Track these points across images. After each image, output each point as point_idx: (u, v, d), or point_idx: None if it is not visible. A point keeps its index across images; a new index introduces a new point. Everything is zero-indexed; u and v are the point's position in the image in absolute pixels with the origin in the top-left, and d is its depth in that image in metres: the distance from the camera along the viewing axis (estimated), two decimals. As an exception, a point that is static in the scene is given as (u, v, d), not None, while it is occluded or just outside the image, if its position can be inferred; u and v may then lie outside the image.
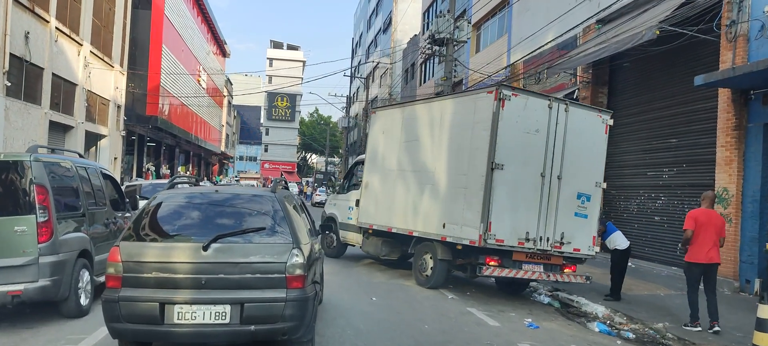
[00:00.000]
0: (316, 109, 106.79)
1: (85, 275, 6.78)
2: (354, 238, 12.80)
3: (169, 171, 38.99)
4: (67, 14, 19.95)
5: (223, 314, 4.87)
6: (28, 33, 16.88)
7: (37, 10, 17.40)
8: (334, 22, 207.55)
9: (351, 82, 70.65)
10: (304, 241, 5.44)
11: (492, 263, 8.88)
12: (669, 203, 13.11)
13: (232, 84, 69.99)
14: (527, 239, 8.82)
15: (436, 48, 21.48)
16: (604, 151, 9.48)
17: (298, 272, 5.03)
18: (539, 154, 8.93)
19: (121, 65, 26.54)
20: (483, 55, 25.02)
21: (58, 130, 20.40)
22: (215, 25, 46.31)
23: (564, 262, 9.29)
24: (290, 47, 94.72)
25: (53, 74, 18.94)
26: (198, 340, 4.99)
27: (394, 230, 10.84)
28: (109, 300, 4.87)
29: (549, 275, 9.18)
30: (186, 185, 6.93)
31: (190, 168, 48.50)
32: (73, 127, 21.09)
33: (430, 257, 9.96)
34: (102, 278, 7.20)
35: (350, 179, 13.65)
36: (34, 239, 6.11)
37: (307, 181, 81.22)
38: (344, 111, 61.27)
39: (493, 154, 8.57)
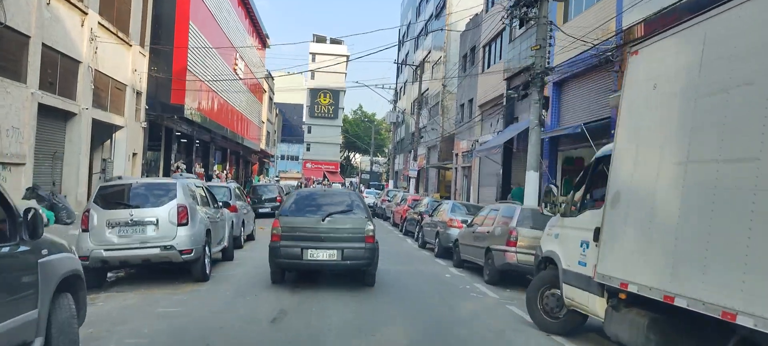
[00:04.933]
0: (360, 107, 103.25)
1: None
2: (590, 302, 6.54)
3: (202, 170, 35.32)
4: (64, -27, 16.10)
5: (333, 254, 9.26)
6: (3, -13, 12.99)
7: (17, -41, 13.52)
8: (379, 19, 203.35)
9: (397, 75, 66.36)
10: (371, 217, 10.12)
11: None
12: None
13: (273, 79, 66.55)
14: None
15: (524, 10, 16.74)
16: None
17: (371, 233, 9.52)
18: None
19: (142, 45, 22.73)
20: (574, 24, 20.14)
21: (55, 116, 16.57)
22: (254, 11, 42.50)
23: None
24: (333, 41, 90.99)
25: (44, 45, 15.06)
26: (320, 268, 9.71)
27: (679, 302, 4.90)
28: (274, 247, 9.37)
29: None
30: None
31: (228, 167, 44.90)
32: (75, 114, 17.25)
33: None
34: None
35: (586, 191, 7.39)
36: None
37: (351, 181, 77.27)
38: (392, 105, 56.85)
39: None
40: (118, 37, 20.04)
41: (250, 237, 16.54)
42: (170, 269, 9.60)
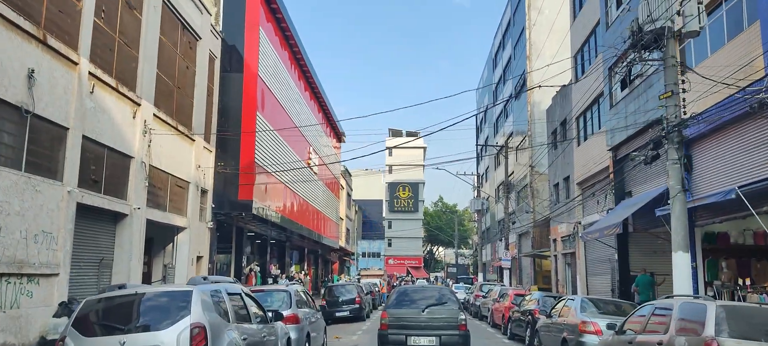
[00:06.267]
0: (441, 198, 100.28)
1: None
2: None
3: (279, 271, 33.06)
4: (112, 60, 14.66)
5: (433, 340, 10.93)
6: (34, 71, 11.39)
7: (53, 41, 12.00)
8: (456, 107, 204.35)
9: (478, 162, 63.34)
10: (462, 308, 12.09)
11: None
12: None
13: (350, 175, 65.32)
14: None
15: (643, 53, 13.56)
16: None
17: (464, 322, 11.31)
18: None
19: (207, 140, 21.19)
20: (699, 69, 16.63)
21: (102, 218, 14.67)
22: (327, 103, 41.38)
23: None
24: (409, 134, 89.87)
25: (86, 138, 13.37)
26: None
27: None
28: (382, 335, 11.29)
29: None
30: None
31: (306, 267, 42.61)
32: (126, 215, 15.34)
33: None
34: None
35: None
36: None
37: (437, 276, 73.21)
38: (474, 192, 53.51)
39: None
40: (178, 130, 18.48)
41: (321, 352, 13.44)
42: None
